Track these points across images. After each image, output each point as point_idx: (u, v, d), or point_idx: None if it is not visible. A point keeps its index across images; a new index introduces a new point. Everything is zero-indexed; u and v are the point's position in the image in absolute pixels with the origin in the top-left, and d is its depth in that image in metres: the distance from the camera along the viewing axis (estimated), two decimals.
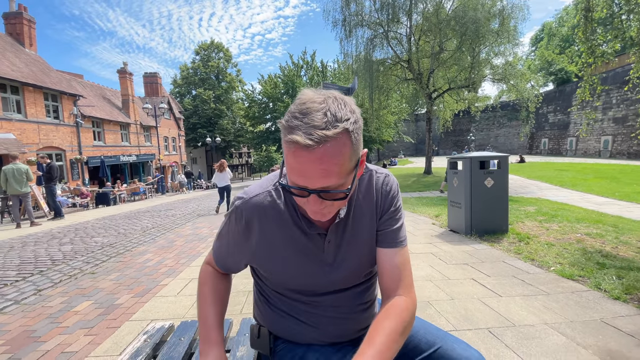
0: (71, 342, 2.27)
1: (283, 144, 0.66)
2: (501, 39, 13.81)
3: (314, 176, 0.64)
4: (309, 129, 0.62)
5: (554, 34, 41.96)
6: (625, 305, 2.45)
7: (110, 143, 20.30)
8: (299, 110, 0.65)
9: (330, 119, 0.63)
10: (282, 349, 0.90)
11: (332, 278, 0.85)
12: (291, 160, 0.65)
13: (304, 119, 0.63)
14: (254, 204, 0.82)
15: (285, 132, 0.65)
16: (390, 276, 0.82)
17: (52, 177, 8.47)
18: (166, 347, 1.22)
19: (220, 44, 41.01)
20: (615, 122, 25.08)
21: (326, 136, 0.61)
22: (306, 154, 0.62)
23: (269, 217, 0.82)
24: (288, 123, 0.64)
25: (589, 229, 4.76)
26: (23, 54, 16.05)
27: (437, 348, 0.89)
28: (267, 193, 0.84)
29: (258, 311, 0.97)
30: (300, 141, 0.61)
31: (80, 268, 4.06)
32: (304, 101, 0.66)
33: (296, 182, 0.67)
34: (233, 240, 0.87)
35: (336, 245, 0.84)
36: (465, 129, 42.98)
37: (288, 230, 0.82)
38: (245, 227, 0.83)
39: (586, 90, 6.04)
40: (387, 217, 0.86)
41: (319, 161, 0.62)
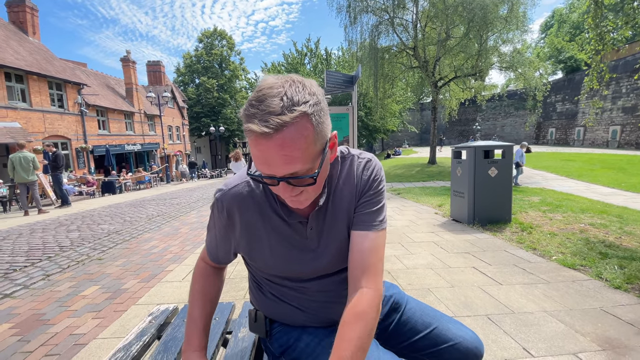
0: (79, 324, 2.34)
1: (245, 133, 0.65)
2: (510, 25, 13.49)
3: (278, 163, 0.63)
4: (265, 115, 0.60)
5: (564, 20, 40.87)
6: (626, 295, 2.46)
7: (114, 132, 20.38)
8: (255, 98, 0.63)
9: (287, 104, 0.60)
10: (278, 332, 0.93)
11: (316, 264, 0.85)
12: (253, 149, 0.64)
13: (260, 105, 0.61)
14: (233, 195, 0.83)
15: (243, 122, 0.63)
16: (356, 262, 0.77)
17: (58, 165, 8.55)
18: (170, 328, 1.26)
19: (224, 31, 40.51)
20: (625, 112, 24.60)
21: (283, 122, 0.59)
22: (265, 141, 0.60)
23: (249, 206, 0.82)
24: (245, 112, 0.63)
25: (593, 220, 4.74)
26: (27, 42, 16.01)
27: (433, 328, 0.93)
28: (246, 183, 0.83)
29: (253, 296, 1.00)
30: (256, 130, 0.60)
31: (88, 254, 4.14)
32: (261, 88, 0.64)
33: (263, 171, 0.66)
34: (219, 232, 0.88)
35: (318, 231, 0.83)
36: (471, 119, 42.45)
37: (269, 219, 0.82)
38: (227, 218, 0.84)
39: (594, 79, 5.92)
40: (365, 199, 0.83)
41: (280, 147, 0.61)
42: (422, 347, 0.93)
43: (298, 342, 0.88)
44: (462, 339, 0.92)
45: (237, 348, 1.11)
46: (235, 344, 1.14)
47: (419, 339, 0.94)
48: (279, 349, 0.91)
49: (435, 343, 0.92)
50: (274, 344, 0.92)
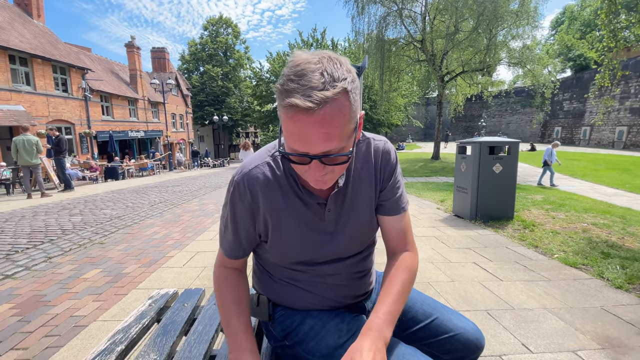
0: (80, 306, 2.36)
1: (280, 110, 0.64)
2: (520, 20, 13.22)
3: (315, 140, 0.62)
4: (307, 90, 0.59)
5: (576, 17, 40.13)
6: (627, 294, 2.44)
7: (118, 118, 20.37)
8: (294, 73, 0.61)
9: (328, 79, 0.60)
10: (281, 315, 0.92)
11: (332, 247, 0.85)
12: (290, 126, 0.62)
13: (301, 80, 0.60)
14: (254, 176, 0.80)
15: (281, 97, 0.61)
16: (397, 239, 0.89)
17: (61, 149, 8.57)
18: (170, 312, 1.25)
19: (229, 19, 40.16)
20: (632, 113, 24.29)
21: (326, 97, 0.59)
22: (306, 117, 0.59)
23: (271, 187, 0.80)
24: (284, 87, 0.61)
25: (596, 219, 4.71)
26: (31, 25, 15.91)
27: (434, 318, 0.92)
28: (265, 164, 0.81)
29: (257, 281, 0.99)
30: (299, 104, 0.58)
31: (90, 238, 4.16)
32: (297, 63, 0.62)
33: (296, 149, 0.65)
34: (242, 219, 0.83)
35: (336, 214, 0.84)
36: (476, 115, 42.09)
37: (289, 201, 0.81)
38: (251, 200, 0.80)
39: (606, 76, 5.81)
40: (390, 187, 0.88)
41: (320, 124, 0.60)
42: (422, 336, 0.93)
43: (302, 325, 0.87)
44: (463, 330, 0.91)
45: None
46: None
47: (419, 329, 0.93)
48: (282, 333, 0.90)
49: (436, 333, 0.91)
50: (277, 328, 0.92)
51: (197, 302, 1.34)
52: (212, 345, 1.07)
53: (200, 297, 1.38)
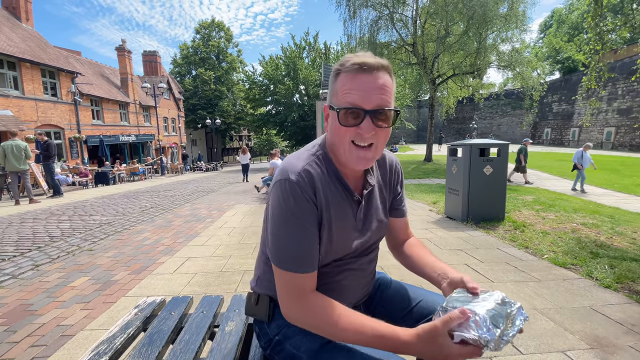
0: (67, 315, 2.31)
1: (337, 81, 0.78)
2: (509, 24, 13.44)
3: (372, 92, 0.74)
4: (365, 58, 0.75)
5: (564, 20, 40.89)
6: (615, 294, 2.48)
7: (109, 122, 20.13)
8: (351, 54, 0.77)
9: (378, 57, 0.77)
10: (280, 318, 0.89)
11: (357, 244, 0.89)
12: (348, 83, 0.75)
13: (358, 55, 0.76)
14: (310, 172, 0.79)
15: (344, 64, 0.76)
16: (404, 232, 1.08)
17: (50, 154, 8.43)
18: (156, 320, 1.23)
19: (221, 22, 40.09)
20: (620, 114, 24.80)
21: (382, 64, 0.75)
22: (365, 75, 0.74)
23: (325, 183, 0.82)
24: (345, 59, 0.77)
25: (585, 219, 4.77)
26: (19, 28, 15.69)
27: (419, 301, 1.00)
28: (313, 162, 0.82)
29: (262, 281, 0.95)
30: (364, 61, 0.74)
31: (78, 245, 4.09)
32: (351, 54, 0.78)
33: (353, 103, 0.74)
34: (310, 219, 0.77)
35: (365, 213, 0.90)
36: (468, 117, 42.55)
37: (337, 196, 0.84)
38: (314, 196, 0.78)
39: (592, 78, 5.93)
40: (400, 194, 1.04)
41: (376, 80, 0.74)
42: (410, 321, 0.97)
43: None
44: None
45: (224, 342, 1.09)
46: (222, 337, 1.12)
47: (406, 314, 0.99)
48: (276, 329, 0.89)
49: (422, 315, 0.96)
50: (272, 325, 0.91)
51: (185, 311, 1.32)
52: (199, 354, 1.06)
53: (187, 306, 1.36)
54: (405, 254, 1.04)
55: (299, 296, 0.75)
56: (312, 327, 0.74)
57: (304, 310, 0.75)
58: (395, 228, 1.07)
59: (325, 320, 0.72)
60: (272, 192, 0.81)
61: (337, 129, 0.78)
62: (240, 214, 5.91)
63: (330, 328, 0.72)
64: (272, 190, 0.80)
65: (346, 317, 0.72)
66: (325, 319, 0.72)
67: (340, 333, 0.71)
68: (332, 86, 0.80)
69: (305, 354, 0.81)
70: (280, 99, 26.36)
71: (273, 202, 0.79)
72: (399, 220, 1.06)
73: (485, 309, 0.68)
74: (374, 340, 0.70)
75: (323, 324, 0.72)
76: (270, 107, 29.36)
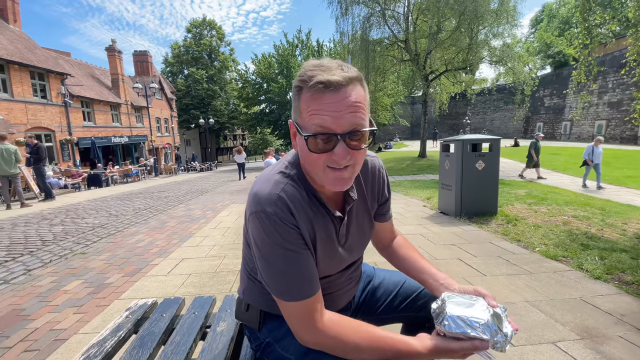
0: (60, 320, 2.29)
1: (300, 99, 0.68)
2: (500, 19, 13.52)
3: (344, 114, 0.65)
4: (331, 72, 0.66)
5: (554, 15, 41.19)
6: (605, 285, 2.52)
7: (100, 124, 19.89)
8: (312, 65, 0.68)
9: (345, 67, 0.68)
10: (271, 323, 0.89)
11: (342, 260, 0.88)
12: (315, 105, 0.66)
13: (321, 67, 0.67)
14: (284, 201, 0.73)
15: (306, 81, 0.66)
16: (391, 233, 1.07)
17: (41, 157, 8.32)
18: (147, 323, 1.23)
19: (213, 21, 39.78)
20: (610, 107, 25.09)
21: (349, 76, 0.66)
22: (333, 94, 0.65)
23: (303, 206, 0.76)
24: (307, 74, 0.67)
25: (576, 212, 4.84)
26: (7, 30, 15.41)
27: (402, 283, 1.05)
28: (288, 185, 0.75)
29: (250, 293, 0.92)
30: (329, 79, 0.64)
31: (71, 248, 4.05)
32: (313, 63, 0.69)
33: (324, 128, 0.66)
34: (297, 241, 0.74)
35: (347, 226, 0.86)
36: (461, 112, 42.75)
37: (317, 217, 0.80)
38: (295, 221, 0.73)
39: (582, 72, 5.98)
40: (385, 201, 0.98)
41: (347, 98, 0.65)
42: (397, 304, 1.03)
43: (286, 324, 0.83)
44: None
45: (215, 342, 1.09)
46: (214, 338, 1.12)
47: (392, 298, 1.04)
48: (266, 333, 0.89)
49: (407, 295, 1.02)
50: (263, 329, 0.90)
51: (177, 312, 1.32)
52: (190, 355, 1.05)
53: (179, 307, 1.35)
54: (397, 256, 1.03)
55: (314, 322, 0.72)
56: (334, 351, 0.73)
57: (323, 339, 0.73)
58: (382, 232, 1.04)
59: (346, 345, 0.72)
60: (250, 223, 0.75)
61: (307, 155, 0.70)
62: (235, 213, 5.90)
63: (353, 352, 0.72)
64: (250, 221, 0.74)
65: (367, 339, 0.72)
66: (346, 345, 0.72)
67: (362, 355, 0.72)
68: (295, 102, 0.71)
69: (293, 355, 0.81)
70: (274, 98, 26.30)
71: (256, 236, 0.74)
72: (385, 224, 1.03)
73: (488, 314, 0.74)
74: (392, 356, 0.72)
75: (345, 348, 0.72)
76: (263, 105, 29.28)
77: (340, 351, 0.72)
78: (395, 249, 1.05)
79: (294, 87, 0.71)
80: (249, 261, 0.90)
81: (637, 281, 2.51)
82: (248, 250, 0.87)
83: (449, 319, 0.73)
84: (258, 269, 0.80)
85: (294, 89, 0.70)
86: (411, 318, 1.03)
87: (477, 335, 0.70)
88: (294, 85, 0.71)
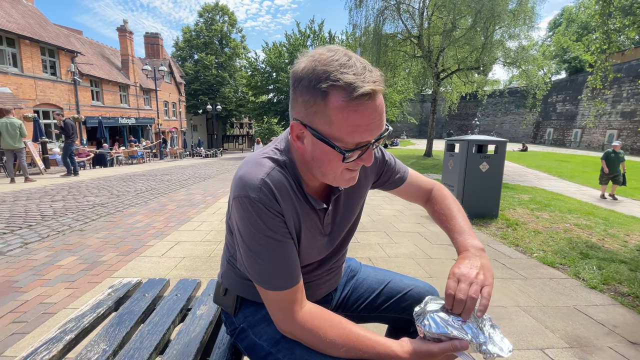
0: (51, 294, 2.31)
1: (329, 106, 0.60)
2: (517, 20, 13.22)
3: (378, 124, 0.64)
4: (364, 77, 0.60)
5: (573, 19, 40.29)
6: (600, 295, 2.48)
7: (108, 104, 19.97)
8: (344, 67, 0.61)
9: (367, 66, 0.63)
10: (247, 308, 0.89)
11: (326, 249, 0.86)
12: (358, 119, 0.61)
13: (351, 70, 0.61)
14: (269, 186, 0.69)
15: (344, 90, 0.59)
16: (419, 192, 1.01)
17: (68, 134, 8.59)
18: (129, 301, 1.22)
19: (225, 6, 39.43)
20: (623, 117, 24.62)
21: (380, 80, 0.63)
22: (371, 103, 0.61)
23: (288, 194, 0.74)
24: (343, 80, 0.59)
25: (578, 220, 4.76)
26: (20, 4, 15.43)
27: (387, 283, 1.02)
28: (276, 171, 0.72)
29: (227, 278, 0.93)
30: (376, 90, 0.60)
31: (69, 225, 4.09)
32: (339, 59, 0.62)
33: (362, 138, 0.64)
34: (283, 236, 0.71)
35: (333, 216, 0.85)
36: (471, 113, 42.27)
37: (302, 207, 0.77)
38: (280, 208, 0.71)
39: (597, 78, 5.84)
40: (385, 170, 0.95)
41: (379, 107, 0.63)
42: (380, 303, 1.00)
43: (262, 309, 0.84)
44: (415, 285, 1.00)
45: (193, 325, 1.08)
46: (192, 320, 1.11)
47: (375, 296, 1.00)
48: (242, 318, 0.88)
49: (391, 295, 0.99)
50: (239, 314, 0.89)
51: (160, 293, 1.31)
52: (167, 336, 1.05)
53: (163, 288, 1.35)
54: (432, 213, 1.00)
55: (293, 313, 0.71)
56: (310, 344, 0.72)
57: (300, 331, 0.71)
58: (406, 194, 1.02)
59: (322, 340, 0.70)
60: (233, 208, 0.72)
61: (331, 163, 0.67)
62: None
63: (328, 348, 0.70)
64: (233, 206, 0.71)
65: (345, 336, 0.70)
66: (322, 340, 0.70)
67: (337, 352, 0.70)
68: (315, 105, 0.62)
69: (266, 342, 0.80)
70: (282, 87, 26.10)
71: (238, 222, 0.71)
72: (404, 187, 0.99)
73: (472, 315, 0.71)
74: (368, 357, 0.70)
75: (320, 342, 0.70)
76: (272, 95, 29.11)
77: (316, 345, 0.71)
78: (430, 204, 1.00)
79: (312, 87, 0.61)
80: (230, 247, 0.90)
81: (633, 293, 2.46)
82: (230, 236, 0.86)
83: (429, 318, 0.71)
84: (239, 255, 0.79)
85: (313, 89, 0.61)
86: (394, 320, 1.01)
87: (458, 335, 0.68)
88: (312, 83, 0.61)
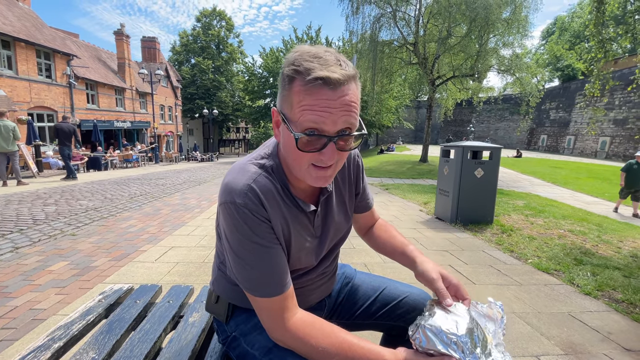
0: (41, 299, 2.26)
1: (292, 90, 0.63)
2: (511, 28, 13.44)
3: (338, 115, 0.62)
4: (330, 67, 0.61)
5: (566, 28, 41.03)
6: (595, 301, 2.48)
7: (104, 107, 19.86)
8: (310, 56, 0.63)
9: (342, 62, 0.63)
10: (239, 316, 0.87)
11: (317, 252, 0.85)
12: (310, 101, 0.61)
13: (319, 60, 0.62)
14: (255, 192, 0.69)
15: (302, 73, 0.61)
16: (372, 220, 1.06)
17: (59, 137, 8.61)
18: (120, 308, 1.20)
19: (223, 11, 39.64)
20: (615, 124, 24.99)
21: (348, 74, 0.62)
22: (331, 92, 0.61)
23: (275, 199, 0.73)
24: (304, 65, 0.61)
25: (573, 226, 4.80)
26: (16, 7, 15.37)
27: (382, 289, 1.01)
28: (262, 176, 0.72)
29: (219, 286, 0.91)
30: (329, 76, 0.60)
31: (61, 229, 4.03)
32: (306, 50, 0.65)
33: (314, 128, 0.63)
34: (271, 242, 0.71)
35: (322, 218, 0.84)
36: (466, 120, 42.62)
37: (290, 211, 0.76)
38: (266, 214, 0.70)
39: (596, 86, 5.91)
40: (362, 188, 0.97)
41: (343, 98, 0.62)
42: (375, 310, 0.98)
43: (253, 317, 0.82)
44: (410, 292, 0.98)
45: (185, 332, 1.06)
46: (184, 328, 1.09)
47: (370, 303, 0.99)
48: (234, 326, 0.87)
49: (386, 302, 0.97)
50: (230, 322, 0.88)
51: (152, 299, 1.28)
52: (158, 344, 1.02)
53: (155, 294, 1.32)
54: (372, 236, 1.05)
55: (283, 320, 0.69)
56: (301, 353, 0.70)
57: (291, 339, 0.70)
58: (363, 220, 1.04)
59: (313, 349, 0.68)
60: (220, 214, 0.72)
61: (292, 150, 0.67)
62: None
63: (320, 356, 0.68)
64: (220, 212, 0.71)
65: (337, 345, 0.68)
66: (313, 349, 0.68)
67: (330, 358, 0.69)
68: (284, 90, 0.65)
69: (258, 351, 0.79)
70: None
71: (225, 228, 0.71)
72: (366, 214, 1.02)
73: (464, 328, 0.68)
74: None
75: (312, 351, 0.69)
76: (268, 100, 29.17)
77: (308, 354, 0.69)
78: (373, 230, 1.05)
79: (284, 74, 0.65)
80: (220, 253, 0.89)
81: (627, 299, 2.47)
82: (219, 242, 0.86)
83: (419, 332, 0.69)
84: (228, 262, 0.78)
85: (285, 77, 0.65)
86: (389, 327, 0.99)
87: (447, 352, 0.65)
88: (285, 72, 0.64)
